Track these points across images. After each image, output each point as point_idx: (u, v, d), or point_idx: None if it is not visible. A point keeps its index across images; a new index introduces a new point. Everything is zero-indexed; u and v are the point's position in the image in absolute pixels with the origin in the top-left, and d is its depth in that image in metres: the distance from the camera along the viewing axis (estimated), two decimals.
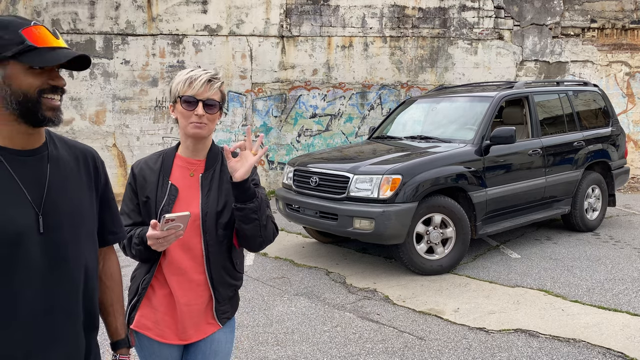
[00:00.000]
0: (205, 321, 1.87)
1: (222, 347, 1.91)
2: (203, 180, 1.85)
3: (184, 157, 1.88)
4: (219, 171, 1.87)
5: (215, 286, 1.85)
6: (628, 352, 3.50)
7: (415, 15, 10.15)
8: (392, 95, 10.27)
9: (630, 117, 10.71)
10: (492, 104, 5.86)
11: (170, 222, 1.59)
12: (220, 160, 1.89)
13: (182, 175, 1.86)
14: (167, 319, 1.85)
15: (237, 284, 1.93)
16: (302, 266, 5.56)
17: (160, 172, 1.86)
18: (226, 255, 1.87)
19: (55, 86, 1.30)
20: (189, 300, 1.83)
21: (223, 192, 1.84)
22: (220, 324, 1.89)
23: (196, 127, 1.78)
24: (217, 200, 1.83)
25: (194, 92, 1.77)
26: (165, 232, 1.62)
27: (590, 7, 10.42)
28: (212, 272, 1.84)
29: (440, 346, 3.66)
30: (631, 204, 8.78)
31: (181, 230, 1.64)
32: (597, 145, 6.91)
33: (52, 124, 1.31)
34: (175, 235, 1.65)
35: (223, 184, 1.85)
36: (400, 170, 4.99)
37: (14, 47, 1.23)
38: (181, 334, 1.85)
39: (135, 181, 1.88)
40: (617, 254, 5.81)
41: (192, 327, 1.86)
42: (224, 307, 1.89)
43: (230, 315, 1.92)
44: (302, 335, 3.86)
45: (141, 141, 9.74)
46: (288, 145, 10.20)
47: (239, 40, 9.86)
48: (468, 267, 5.41)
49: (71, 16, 9.44)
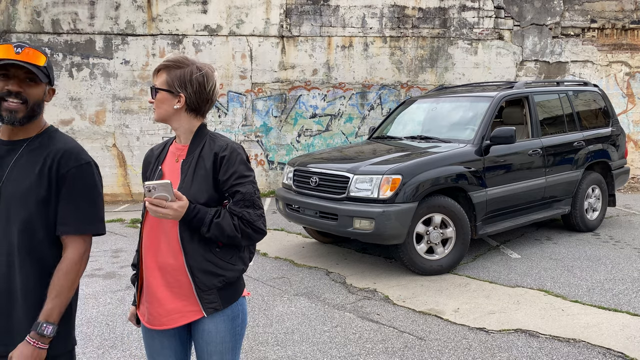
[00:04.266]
0: (188, 307, 1.85)
1: (214, 337, 1.87)
2: (183, 166, 1.88)
3: (176, 144, 1.96)
4: (197, 156, 1.86)
5: (194, 272, 1.81)
6: (628, 352, 3.50)
7: (415, 15, 10.15)
8: (392, 95, 10.27)
9: (630, 117, 10.72)
10: (492, 104, 5.86)
11: (154, 191, 1.69)
12: (202, 146, 1.88)
13: (170, 160, 1.94)
14: (148, 305, 1.89)
15: (225, 274, 1.85)
16: (302, 266, 5.56)
17: (157, 158, 1.98)
18: (205, 242, 1.83)
19: (10, 90, 1.67)
20: (168, 282, 1.84)
21: (198, 179, 1.83)
22: (205, 313, 1.83)
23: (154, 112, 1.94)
24: (190, 186, 1.83)
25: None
26: (153, 199, 1.70)
27: (590, 7, 10.42)
28: (189, 258, 1.82)
29: (440, 346, 3.66)
30: (631, 204, 8.78)
31: (170, 200, 1.71)
32: (597, 145, 6.91)
33: (9, 123, 1.69)
34: (165, 205, 1.71)
35: (198, 170, 1.85)
36: (400, 170, 4.99)
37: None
38: (158, 318, 1.86)
39: (143, 167, 2.05)
40: (617, 254, 5.81)
41: (174, 312, 1.84)
42: (209, 296, 1.83)
43: (218, 307, 1.85)
44: (302, 335, 3.86)
45: (141, 141, 9.75)
46: (288, 145, 10.20)
47: (239, 40, 9.86)
48: (468, 267, 5.41)
49: (71, 16, 9.44)
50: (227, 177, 1.82)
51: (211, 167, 1.83)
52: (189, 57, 1.92)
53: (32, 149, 1.74)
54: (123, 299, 4.60)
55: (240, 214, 1.82)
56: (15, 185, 1.69)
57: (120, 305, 4.49)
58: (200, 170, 1.84)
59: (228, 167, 1.83)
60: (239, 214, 1.82)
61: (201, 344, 1.89)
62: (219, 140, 1.89)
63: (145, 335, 1.98)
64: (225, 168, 1.83)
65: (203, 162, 1.84)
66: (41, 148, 1.74)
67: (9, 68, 1.66)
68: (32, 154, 1.73)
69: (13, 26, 9.28)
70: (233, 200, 1.84)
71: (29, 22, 9.34)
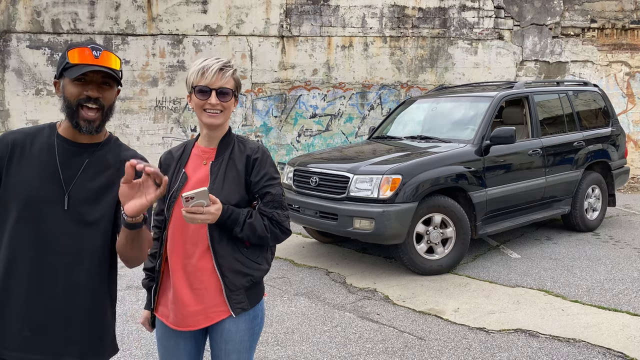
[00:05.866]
0: (213, 308, 1.87)
1: (233, 336, 1.89)
2: (212, 168, 1.89)
3: (200, 146, 1.95)
4: (227, 158, 1.90)
5: (224, 273, 1.85)
6: (628, 352, 3.50)
7: (415, 15, 10.15)
8: (392, 95, 10.27)
9: (630, 117, 10.71)
10: (492, 104, 5.86)
11: (191, 200, 1.67)
12: (231, 148, 1.92)
13: (196, 163, 1.93)
14: (174, 307, 1.89)
15: (252, 274, 1.89)
16: (302, 266, 5.56)
17: (179, 160, 1.96)
18: (233, 242, 1.86)
19: (89, 96, 1.62)
20: (192, 284, 1.85)
21: (229, 180, 1.87)
22: (233, 313, 1.86)
23: (210, 117, 1.85)
24: (222, 187, 1.85)
25: (207, 82, 1.82)
26: (190, 208, 1.68)
27: (590, 7, 10.42)
28: (218, 258, 1.84)
29: (440, 346, 3.66)
30: (631, 204, 8.78)
31: (206, 205, 1.71)
32: (597, 145, 6.91)
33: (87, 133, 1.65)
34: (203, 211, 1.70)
35: (229, 172, 1.88)
36: (400, 170, 4.99)
37: (62, 66, 1.64)
38: (184, 319, 1.87)
39: (160, 169, 1.98)
40: (617, 254, 5.81)
41: (198, 314, 1.86)
42: (238, 296, 1.86)
43: (246, 307, 1.88)
44: (302, 335, 3.86)
45: (141, 141, 9.74)
46: (288, 145, 10.20)
47: (239, 40, 9.86)
48: (468, 267, 5.41)
49: (71, 16, 9.44)
50: (259, 179, 1.88)
51: (243, 169, 1.88)
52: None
53: (104, 153, 1.73)
54: (123, 299, 4.60)
55: (270, 215, 1.88)
56: (87, 188, 1.66)
57: (120, 305, 4.49)
58: (232, 172, 1.88)
59: (260, 169, 1.88)
60: (269, 215, 1.88)
61: (219, 343, 1.91)
62: (250, 142, 1.95)
63: (162, 336, 1.98)
64: (257, 170, 1.88)
65: (234, 164, 1.89)
66: (111, 153, 1.74)
67: (87, 72, 1.61)
68: (103, 158, 1.72)
69: (13, 26, 9.28)
70: (263, 201, 1.89)
71: (29, 22, 9.34)
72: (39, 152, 1.66)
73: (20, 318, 1.60)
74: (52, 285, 1.62)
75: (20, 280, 1.60)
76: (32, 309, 1.61)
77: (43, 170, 1.61)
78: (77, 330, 1.66)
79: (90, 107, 1.62)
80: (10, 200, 1.61)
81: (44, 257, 1.61)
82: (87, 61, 1.60)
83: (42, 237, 1.61)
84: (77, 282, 1.65)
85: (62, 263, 1.63)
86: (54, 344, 1.63)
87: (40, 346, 1.61)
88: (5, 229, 1.61)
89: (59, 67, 1.65)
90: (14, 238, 1.61)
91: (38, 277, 1.61)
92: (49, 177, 1.61)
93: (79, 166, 1.67)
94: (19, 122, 9.19)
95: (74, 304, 1.65)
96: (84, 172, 1.67)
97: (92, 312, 1.69)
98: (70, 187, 1.63)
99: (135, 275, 5.24)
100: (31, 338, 1.60)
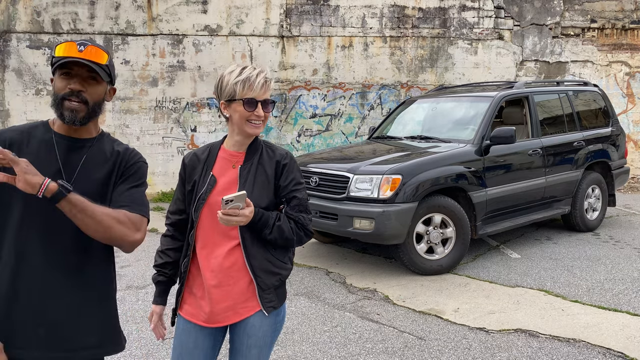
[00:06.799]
0: (242, 304, 1.93)
1: (256, 331, 1.95)
2: (242, 171, 1.95)
3: (228, 150, 2.00)
4: (256, 163, 1.96)
5: (256, 272, 1.92)
6: (628, 352, 3.50)
7: (415, 15, 10.15)
8: (392, 95, 10.27)
9: (630, 117, 10.71)
10: (492, 104, 5.86)
11: (230, 203, 1.73)
12: (259, 154, 1.98)
13: (224, 166, 1.98)
14: (202, 303, 1.94)
15: (281, 273, 1.98)
16: (302, 266, 5.56)
17: (205, 163, 2.00)
18: (263, 243, 1.94)
19: (72, 89, 1.63)
20: (221, 282, 1.91)
21: (258, 184, 1.94)
22: (265, 312, 1.94)
23: (254, 127, 1.92)
24: (252, 191, 1.91)
25: (255, 94, 1.89)
26: (227, 210, 1.74)
27: (590, 7, 10.42)
28: (251, 259, 1.91)
29: (440, 346, 3.66)
30: (631, 204, 8.78)
31: (242, 208, 1.77)
32: (597, 145, 6.91)
33: (70, 123, 1.65)
34: (238, 214, 1.76)
35: (259, 176, 1.94)
36: (400, 170, 4.99)
37: (51, 61, 1.67)
38: (214, 316, 1.93)
39: (184, 171, 2.05)
40: (617, 254, 5.81)
41: (228, 310, 1.92)
42: (269, 295, 1.95)
43: (277, 305, 1.98)
44: (302, 335, 3.86)
45: (141, 141, 9.73)
46: (288, 145, 10.20)
47: (239, 40, 9.86)
48: (468, 267, 5.41)
49: (71, 16, 9.44)
50: (287, 183, 1.96)
51: (273, 173, 1.96)
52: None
53: (101, 147, 1.76)
54: (123, 299, 4.60)
55: (297, 218, 1.96)
56: (88, 181, 1.69)
57: (120, 305, 4.48)
58: (261, 176, 1.95)
59: (288, 174, 1.97)
60: (295, 218, 1.96)
61: (242, 337, 1.95)
62: (278, 149, 2.03)
63: (182, 333, 2.01)
64: (286, 175, 1.96)
65: (263, 168, 1.96)
66: (106, 146, 1.78)
67: (72, 67, 1.63)
68: (101, 152, 1.75)
69: (13, 26, 9.28)
70: (290, 205, 1.97)
71: (29, 22, 9.34)
72: (37, 148, 1.67)
73: (33, 316, 1.61)
74: (62, 279, 1.64)
75: (30, 278, 1.61)
76: (45, 306, 1.62)
77: (44, 166, 1.61)
78: (92, 320, 1.69)
79: (74, 100, 1.64)
80: (12, 198, 1.62)
81: (51, 252, 1.62)
82: (71, 54, 1.62)
83: (49, 233, 1.62)
84: (85, 273, 1.68)
85: (70, 256, 1.65)
86: (72, 338, 1.66)
87: (59, 343, 1.64)
88: (9, 228, 1.62)
89: (51, 64, 1.69)
90: (19, 236, 1.61)
91: (48, 274, 1.62)
92: (51, 172, 1.61)
93: (79, 160, 1.70)
94: (19, 122, 9.11)
95: (85, 296, 1.68)
96: (84, 166, 1.70)
97: (103, 301, 1.74)
98: (73, 181, 1.65)
99: (135, 275, 5.24)
100: (47, 336, 1.62)
